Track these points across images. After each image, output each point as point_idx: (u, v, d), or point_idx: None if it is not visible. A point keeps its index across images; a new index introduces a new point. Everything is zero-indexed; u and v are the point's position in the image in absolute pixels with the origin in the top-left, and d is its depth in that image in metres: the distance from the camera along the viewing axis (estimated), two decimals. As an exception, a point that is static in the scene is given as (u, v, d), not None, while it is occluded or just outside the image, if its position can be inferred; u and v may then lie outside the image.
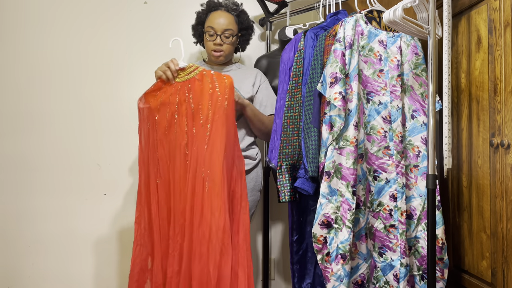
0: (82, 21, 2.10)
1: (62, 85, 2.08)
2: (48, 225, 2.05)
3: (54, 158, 2.06)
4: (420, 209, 1.51)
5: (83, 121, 2.08)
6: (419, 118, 1.54)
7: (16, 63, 2.05)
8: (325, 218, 1.44)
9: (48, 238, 2.05)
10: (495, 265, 1.31)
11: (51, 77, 2.07)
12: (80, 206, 2.07)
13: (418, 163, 1.53)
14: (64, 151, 2.07)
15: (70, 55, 2.08)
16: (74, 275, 2.08)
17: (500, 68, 1.28)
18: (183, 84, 1.61)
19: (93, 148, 2.09)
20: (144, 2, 2.16)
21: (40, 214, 2.05)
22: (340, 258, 1.41)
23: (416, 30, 1.36)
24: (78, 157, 2.07)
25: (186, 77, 1.60)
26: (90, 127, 2.09)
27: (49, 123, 2.06)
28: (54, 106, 2.06)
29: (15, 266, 2.04)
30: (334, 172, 1.45)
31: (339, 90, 1.43)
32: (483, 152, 1.35)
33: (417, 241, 1.52)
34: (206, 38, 1.77)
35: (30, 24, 2.06)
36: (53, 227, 2.05)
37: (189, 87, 1.59)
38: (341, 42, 1.48)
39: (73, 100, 2.08)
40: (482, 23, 1.37)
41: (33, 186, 2.04)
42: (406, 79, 1.56)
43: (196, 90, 1.58)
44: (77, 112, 2.08)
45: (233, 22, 1.77)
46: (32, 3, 2.06)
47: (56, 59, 2.07)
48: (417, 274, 1.51)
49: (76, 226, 2.07)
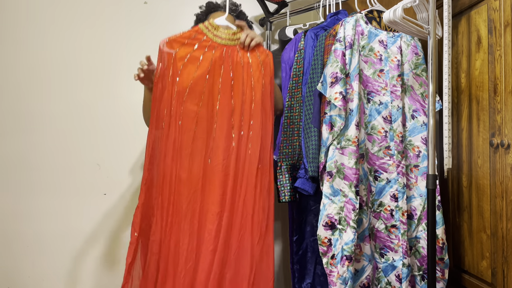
0: (81, 21, 2.09)
1: (62, 85, 2.07)
2: (48, 225, 2.05)
3: (54, 158, 2.05)
4: (421, 209, 1.51)
5: (83, 121, 2.08)
6: (419, 118, 1.54)
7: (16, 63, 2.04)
8: (328, 219, 1.44)
9: (48, 238, 2.05)
10: (495, 265, 1.31)
11: (50, 77, 2.07)
12: (80, 206, 2.07)
13: (418, 163, 1.53)
14: (64, 151, 2.06)
15: (69, 55, 2.08)
16: (74, 275, 2.07)
17: (500, 68, 1.28)
18: (220, 48, 1.48)
19: (93, 148, 2.09)
20: (144, 2, 2.15)
21: (40, 214, 2.05)
22: (345, 260, 1.40)
23: (416, 30, 1.36)
24: (78, 157, 2.07)
25: (229, 42, 1.49)
26: (90, 127, 2.09)
27: (49, 123, 2.06)
28: (53, 106, 2.06)
29: (15, 266, 2.04)
30: (336, 172, 1.44)
31: (339, 90, 1.43)
32: (483, 152, 1.35)
33: (417, 241, 1.52)
34: None
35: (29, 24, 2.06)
36: (53, 227, 2.05)
37: (228, 53, 1.48)
38: (342, 42, 1.48)
39: (73, 100, 2.08)
40: (482, 23, 1.37)
41: (33, 186, 2.04)
42: (406, 79, 1.56)
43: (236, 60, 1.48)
44: (77, 112, 2.08)
45: (233, 22, 1.77)
46: (32, 3, 2.06)
47: (55, 59, 2.07)
48: (418, 274, 1.51)
49: (76, 226, 2.06)
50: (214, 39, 1.48)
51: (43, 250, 2.05)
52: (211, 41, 1.49)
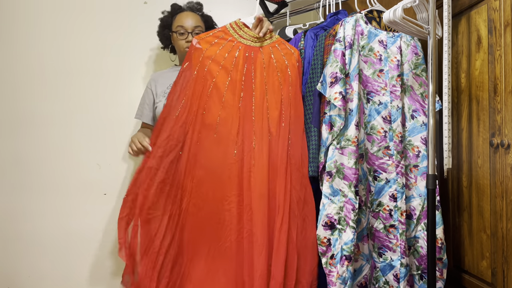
0: (81, 21, 2.09)
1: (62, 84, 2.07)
2: (48, 225, 2.05)
3: (54, 158, 2.06)
4: (420, 209, 1.51)
5: (83, 121, 2.08)
6: (419, 118, 1.54)
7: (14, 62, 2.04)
8: (328, 219, 1.44)
9: (48, 238, 2.05)
10: (495, 265, 1.31)
11: (50, 77, 2.07)
12: (80, 206, 2.07)
13: (418, 163, 1.53)
14: (64, 151, 2.06)
15: (69, 55, 2.08)
16: (73, 275, 2.07)
17: (500, 68, 1.28)
18: (245, 48, 1.53)
19: (93, 148, 2.09)
20: (144, 2, 2.16)
21: (40, 214, 2.05)
22: (345, 260, 1.40)
23: (416, 30, 1.36)
24: (78, 157, 2.07)
25: (251, 42, 1.55)
26: (90, 127, 2.09)
27: (49, 123, 2.06)
28: (53, 106, 2.06)
29: (15, 266, 2.04)
30: (336, 172, 1.44)
31: (339, 90, 1.43)
32: (483, 152, 1.35)
33: (416, 241, 1.52)
34: (177, 37, 1.78)
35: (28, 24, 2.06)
36: (53, 227, 2.05)
37: (251, 53, 1.54)
38: (341, 42, 1.48)
39: (73, 100, 2.08)
40: (482, 23, 1.37)
41: (33, 186, 2.04)
42: (406, 79, 1.56)
43: (261, 61, 1.54)
44: (76, 112, 2.08)
45: (200, 21, 1.82)
46: (32, 3, 2.06)
47: (55, 59, 2.07)
48: (416, 273, 1.51)
49: (76, 226, 2.06)
50: (239, 39, 1.54)
51: (43, 250, 2.05)
52: (236, 41, 1.55)
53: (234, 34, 1.55)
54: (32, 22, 2.06)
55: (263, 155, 1.49)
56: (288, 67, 1.57)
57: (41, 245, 2.05)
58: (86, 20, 2.10)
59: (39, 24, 2.06)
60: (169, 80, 1.74)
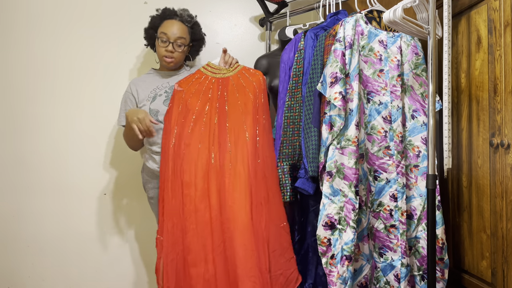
0: (82, 22, 2.09)
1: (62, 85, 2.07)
2: (48, 225, 2.05)
3: (54, 158, 2.06)
4: (420, 209, 1.51)
5: (82, 121, 2.08)
6: (419, 118, 1.54)
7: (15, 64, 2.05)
8: (328, 219, 1.44)
9: (48, 238, 2.05)
10: (495, 265, 1.31)
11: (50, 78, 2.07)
12: (80, 206, 2.07)
13: (418, 163, 1.53)
14: (64, 151, 2.07)
15: (69, 56, 2.08)
16: (74, 275, 2.07)
17: (500, 68, 1.28)
18: (217, 80, 1.77)
19: (93, 148, 2.09)
20: (144, 2, 2.16)
21: (40, 214, 2.05)
22: (345, 260, 1.40)
23: (416, 30, 1.36)
24: (78, 157, 2.07)
25: (221, 75, 1.79)
26: (90, 127, 2.09)
27: (49, 123, 2.06)
28: (53, 106, 2.06)
29: (15, 266, 2.04)
30: (336, 172, 1.44)
31: (339, 90, 1.43)
32: (483, 152, 1.35)
33: (417, 241, 1.52)
34: (159, 43, 1.80)
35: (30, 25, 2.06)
36: (53, 227, 2.05)
37: (223, 84, 1.77)
38: (341, 42, 1.48)
39: (73, 100, 2.08)
40: (482, 23, 1.37)
41: (33, 186, 2.04)
42: (406, 79, 1.56)
43: (230, 88, 1.75)
44: (76, 112, 2.08)
45: (186, 32, 1.83)
46: (32, 5, 2.06)
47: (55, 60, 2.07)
48: (418, 274, 1.51)
49: (76, 226, 2.07)
50: (211, 75, 1.79)
51: (43, 250, 2.05)
52: (210, 77, 1.79)
53: (207, 73, 1.80)
54: (33, 24, 2.06)
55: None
56: (256, 87, 1.77)
57: (41, 245, 2.05)
58: (86, 21, 2.11)
59: (40, 26, 2.06)
60: (151, 85, 1.83)
